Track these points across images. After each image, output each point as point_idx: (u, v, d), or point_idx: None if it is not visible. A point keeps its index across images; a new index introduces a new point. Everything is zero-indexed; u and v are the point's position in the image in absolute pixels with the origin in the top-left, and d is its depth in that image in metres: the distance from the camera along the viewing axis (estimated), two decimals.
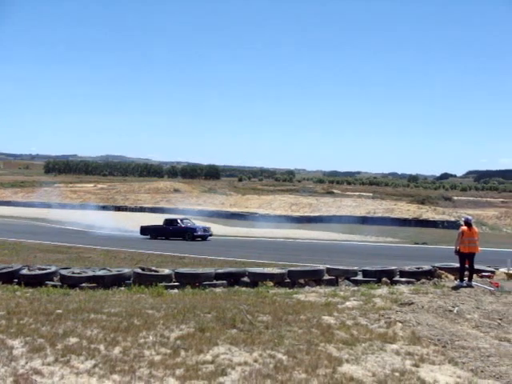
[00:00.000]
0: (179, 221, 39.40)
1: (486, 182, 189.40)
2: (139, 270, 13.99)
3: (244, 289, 13.38)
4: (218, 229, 42.98)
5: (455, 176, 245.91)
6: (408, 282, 14.63)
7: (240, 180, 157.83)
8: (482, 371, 7.60)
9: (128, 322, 8.98)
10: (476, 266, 14.73)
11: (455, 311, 11.20)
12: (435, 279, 14.94)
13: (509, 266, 15.71)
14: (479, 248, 14.47)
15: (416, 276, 15.09)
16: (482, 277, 15.20)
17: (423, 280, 14.83)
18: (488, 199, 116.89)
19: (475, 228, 14.85)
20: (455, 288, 13.71)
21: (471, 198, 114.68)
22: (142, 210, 69.15)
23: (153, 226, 39.55)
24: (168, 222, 39.30)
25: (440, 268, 15.64)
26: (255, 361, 7.20)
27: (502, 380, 7.31)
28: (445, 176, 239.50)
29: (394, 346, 8.47)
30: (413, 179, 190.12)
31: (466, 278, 14.20)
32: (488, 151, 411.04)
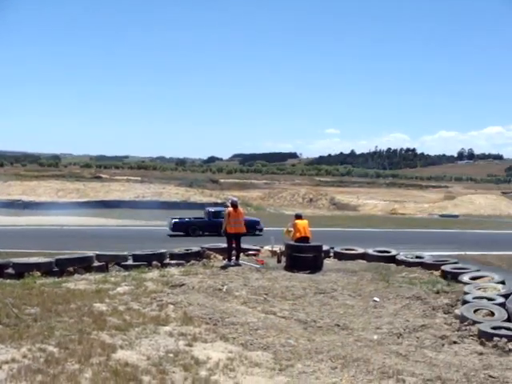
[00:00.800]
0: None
1: (251, 164, 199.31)
2: None
3: (9, 281, 12.65)
4: None
5: (221, 159, 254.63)
6: (178, 264, 14.90)
7: (1, 165, 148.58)
8: (251, 344, 8.05)
9: None
10: (242, 246, 15.44)
11: (224, 290, 11.64)
12: (204, 260, 15.40)
13: (272, 243, 16.67)
14: (245, 228, 15.17)
15: (186, 258, 15.43)
16: (248, 255, 15.98)
17: (193, 261, 15.21)
18: (252, 181, 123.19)
19: (241, 209, 15.56)
20: (224, 267, 14.23)
21: (237, 181, 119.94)
22: None
23: (194, 220, 32.19)
24: (214, 214, 31.58)
25: (208, 249, 16.14)
26: (24, 356, 6.82)
27: (270, 350, 7.80)
28: (211, 159, 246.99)
29: (167, 328, 8.59)
30: (181, 163, 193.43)
31: (234, 257, 14.82)
32: (252, 135, 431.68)
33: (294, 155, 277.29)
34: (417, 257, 16.01)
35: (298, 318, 9.90)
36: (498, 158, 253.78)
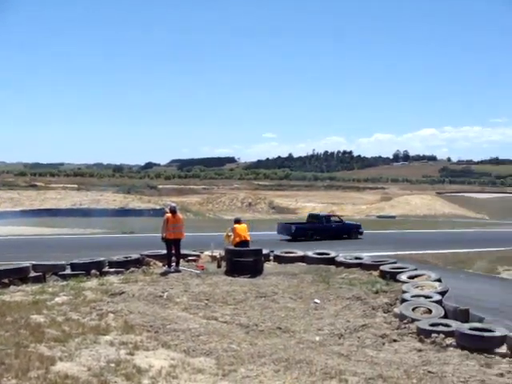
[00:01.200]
0: (335, 217, 34.13)
1: (189, 170, 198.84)
2: None
3: None
4: None
5: (159, 165, 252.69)
6: (117, 272, 14.70)
7: None
8: (193, 350, 8.01)
9: None
10: (182, 251, 15.36)
11: (165, 296, 11.56)
12: (144, 267, 15.22)
13: (212, 248, 16.63)
14: (184, 234, 15.10)
15: (125, 265, 15.21)
16: (188, 261, 15.91)
17: (132, 269, 15.01)
18: (191, 186, 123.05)
19: (179, 215, 15.47)
20: (164, 274, 14.14)
21: (175, 186, 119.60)
22: None
23: (313, 226, 32.28)
24: (326, 218, 33.37)
25: (148, 256, 15.96)
26: None
27: (212, 355, 7.78)
28: (149, 165, 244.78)
29: (108, 338, 8.46)
30: (118, 169, 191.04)
31: (174, 264, 14.73)
32: (190, 140, 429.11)
33: (232, 160, 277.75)
34: (356, 258, 16.24)
35: (239, 323, 9.91)
36: (432, 159, 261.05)
